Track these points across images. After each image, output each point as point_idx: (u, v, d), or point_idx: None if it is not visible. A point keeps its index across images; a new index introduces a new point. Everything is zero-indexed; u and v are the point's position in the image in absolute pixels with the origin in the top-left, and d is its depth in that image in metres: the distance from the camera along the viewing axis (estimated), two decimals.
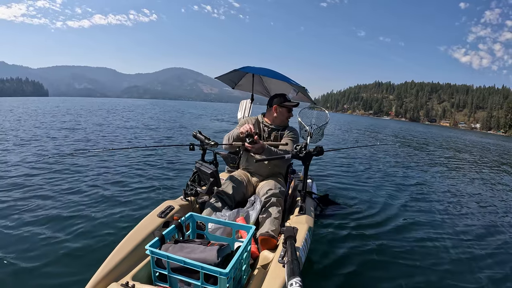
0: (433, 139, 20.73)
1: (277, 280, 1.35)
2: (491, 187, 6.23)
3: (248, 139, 2.11)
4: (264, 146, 2.19)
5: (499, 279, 2.46)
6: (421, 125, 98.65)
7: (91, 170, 4.74)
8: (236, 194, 2.25)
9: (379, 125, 40.12)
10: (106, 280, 1.37)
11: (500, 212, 4.36)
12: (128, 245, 1.58)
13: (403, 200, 4.44)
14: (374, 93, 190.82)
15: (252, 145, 2.13)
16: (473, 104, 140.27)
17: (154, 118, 18.73)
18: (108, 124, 13.02)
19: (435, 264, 2.61)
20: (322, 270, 2.35)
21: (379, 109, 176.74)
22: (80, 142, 7.68)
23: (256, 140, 2.12)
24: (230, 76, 3.50)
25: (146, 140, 8.95)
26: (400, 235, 3.14)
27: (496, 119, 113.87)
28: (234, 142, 2.35)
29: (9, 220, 2.80)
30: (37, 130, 9.60)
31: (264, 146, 2.19)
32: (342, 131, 19.57)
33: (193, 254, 1.37)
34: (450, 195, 5.10)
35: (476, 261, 2.74)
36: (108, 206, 3.28)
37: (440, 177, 6.80)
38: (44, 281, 1.98)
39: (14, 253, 2.25)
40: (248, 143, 2.12)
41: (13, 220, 2.80)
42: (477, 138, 33.69)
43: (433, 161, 9.29)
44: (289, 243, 1.44)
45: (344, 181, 5.31)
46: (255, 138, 2.13)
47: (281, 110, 2.52)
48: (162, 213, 1.93)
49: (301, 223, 1.94)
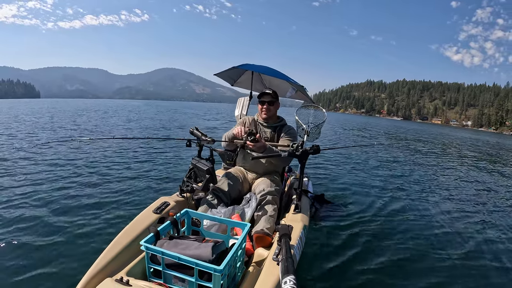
0: (425, 137, 20.84)
1: (271, 278, 1.35)
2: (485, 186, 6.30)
3: (250, 137, 2.11)
4: (266, 146, 2.19)
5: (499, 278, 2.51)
6: (413, 123, 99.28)
7: (87, 166, 4.71)
8: (232, 191, 2.26)
9: (371, 124, 40.43)
10: (101, 275, 1.37)
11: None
12: (123, 241, 1.57)
13: (399, 199, 4.48)
14: (366, 91, 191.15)
15: (253, 144, 2.13)
16: (465, 101, 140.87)
17: (154, 119, 18.62)
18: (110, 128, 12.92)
19: (431, 263, 2.64)
20: (316, 268, 2.36)
21: (371, 107, 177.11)
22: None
23: (258, 138, 2.12)
24: (229, 73, 3.50)
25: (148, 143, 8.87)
26: (396, 234, 3.17)
27: (487, 117, 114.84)
28: (235, 140, 2.34)
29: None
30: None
31: (266, 146, 2.19)
32: (336, 131, 19.60)
33: (187, 251, 1.37)
34: (448, 193, 5.14)
35: (474, 261, 2.76)
36: (104, 202, 3.27)
37: (435, 174, 6.85)
38: (38, 277, 1.97)
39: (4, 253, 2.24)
40: (250, 141, 2.12)
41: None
42: (468, 135, 34.02)
43: (428, 159, 9.35)
44: (283, 241, 1.45)
45: (340, 180, 5.34)
46: (257, 136, 2.12)
47: (259, 105, 2.52)
48: (158, 209, 1.93)
49: (296, 221, 1.94)
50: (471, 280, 2.43)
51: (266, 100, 2.46)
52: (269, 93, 2.46)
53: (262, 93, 2.49)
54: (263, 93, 2.48)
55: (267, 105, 2.47)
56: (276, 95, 2.51)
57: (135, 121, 13.59)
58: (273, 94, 2.47)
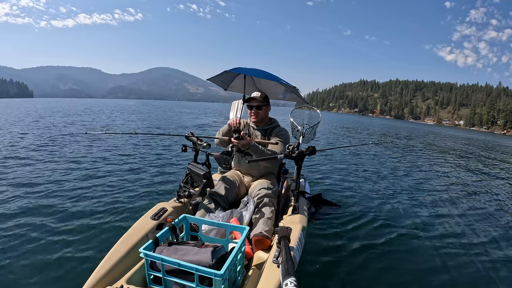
0: (419, 136, 21.09)
1: (272, 280, 1.36)
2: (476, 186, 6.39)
3: (234, 134, 2.14)
4: (251, 142, 2.20)
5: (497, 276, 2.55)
6: (406, 122, 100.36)
7: (82, 172, 4.66)
8: (229, 195, 2.26)
9: (364, 123, 40.81)
10: (101, 284, 1.36)
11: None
12: (122, 248, 1.57)
13: (396, 198, 4.52)
14: (359, 91, 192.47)
15: (238, 141, 2.14)
16: (457, 101, 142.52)
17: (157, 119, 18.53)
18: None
19: (432, 262, 2.66)
20: (317, 270, 2.37)
21: (364, 107, 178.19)
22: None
23: (242, 136, 2.14)
24: (222, 78, 3.50)
25: (147, 142, 8.75)
26: (394, 233, 3.19)
27: (479, 116, 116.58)
28: (221, 137, 2.41)
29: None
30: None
31: (251, 142, 2.20)
32: (330, 130, 19.71)
33: (187, 256, 1.37)
34: (445, 191, 5.21)
35: (472, 260, 2.78)
36: (100, 210, 3.24)
37: (432, 173, 6.93)
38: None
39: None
40: (234, 138, 2.14)
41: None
42: (460, 134, 34.50)
43: (423, 157, 9.46)
44: (283, 243, 1.45)
45: (337, 180, 5.36)
46: (241, 134, 2.15)
47: (248, 110, 2.54)
48: (156, 216, 1.92)
49: (295, 223, 1.95)
50: (471, 280, 2.46)
51: (253, 105, 2.46)
52: (255, 98, 2.45)
53: (249, 98, 2.49)
54: (250, 98, 2.48)
55: (255, 110, 2.48)
56: (265, 99, 2.49)
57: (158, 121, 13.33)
58: (261, 98, 2.45)
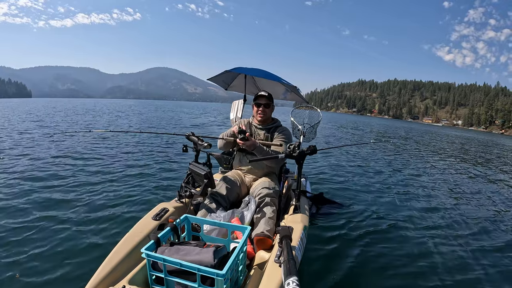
0: (418, 136, 21.08)
1: (274, 280, 1.36)
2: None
3: (240, 135, 2.14)
4: (256, 144, 2.22)
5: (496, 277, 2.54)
6: (404, 122, 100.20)
7: (83, 173, 4.67)
8: (230, 195, 2.26)
9: (363, 122, 40.85)
10: (103, 285, 1.36)
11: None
12: (124, 249, 1.57)
13: (397, 197, 4.52)
14: (358, 91, 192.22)
15: (243, 142, 2.15)
16: (455, 101, 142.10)
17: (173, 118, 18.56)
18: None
19: (431, 262, 2.65)
20: (318, 269, 2.37)
21: (362, 107, 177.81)
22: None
23: (247, 137, 2.15)
24: (222, 78, 3.50)
25: (148, 143, 8.73)
26: (396, 233, 3.19)
27: (477, 116, 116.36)
28: (226, 138, 2.40)
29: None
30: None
31: (256, 144, 2.22)
32: (329, 130, 19.71)
33: (189, 256, 1.37)
34: (445, 191, 5.21)
35: (471, 259, 2.78)
36: (102, 210, 3.24)
37: (431, 172, 6.93)
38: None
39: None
40: (240, 139, 2.15)
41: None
42: (459, 133, 34.53)
43: (422, 157, 9.46)
44: (285, 242, 1.45)
45: (338, 179, 5.36)
46: (247, 135, 2.15)
47: (254, 107, 2.52)
48: (157, 216, 1.92)
49: (296, 222, 1.95)
50: (471, 280, 2.45)
51: (262, 103, 2.46)
52: (264, 96, 2.45)
53: (258, 95, 2.48)
54: (259, 95, 2.47)
55: (263, 108, 2.47)
56: (272, 98, 2.51)
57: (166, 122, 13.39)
58: (269, 96, 2.47)
